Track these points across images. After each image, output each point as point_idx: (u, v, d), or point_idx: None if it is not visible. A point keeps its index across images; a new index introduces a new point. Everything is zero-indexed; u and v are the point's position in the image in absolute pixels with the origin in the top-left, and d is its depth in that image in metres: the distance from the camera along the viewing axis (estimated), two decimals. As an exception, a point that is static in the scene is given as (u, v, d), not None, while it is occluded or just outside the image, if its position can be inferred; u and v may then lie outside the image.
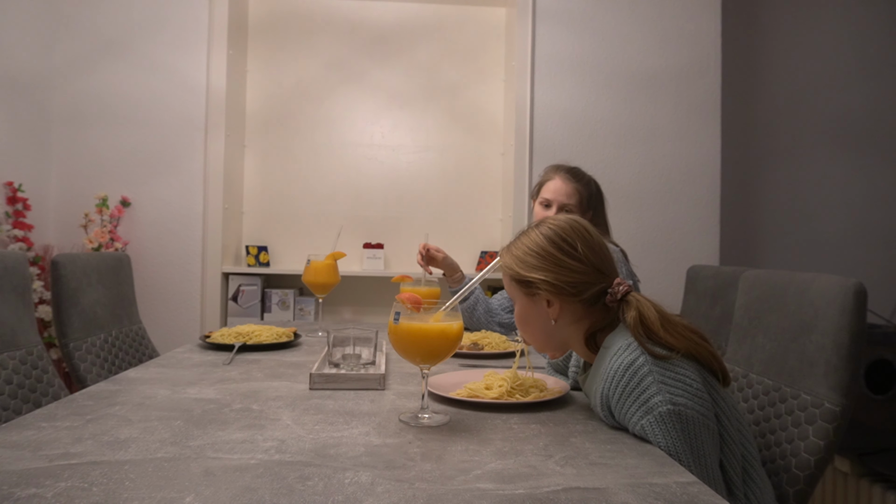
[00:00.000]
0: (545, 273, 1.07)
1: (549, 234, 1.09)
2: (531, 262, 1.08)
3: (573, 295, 1.06)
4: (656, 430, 0.91)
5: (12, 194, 2.46)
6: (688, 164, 2.90)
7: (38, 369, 1.43)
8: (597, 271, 1.07)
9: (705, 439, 0.92)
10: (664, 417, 0.91)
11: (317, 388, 1.19)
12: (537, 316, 1.11)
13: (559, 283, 1.06)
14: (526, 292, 1.10)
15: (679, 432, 0.90)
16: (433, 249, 1.97)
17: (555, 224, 1.10)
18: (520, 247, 1.12)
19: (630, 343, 0.98)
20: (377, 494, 0.69)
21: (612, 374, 0.97)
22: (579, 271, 1.06)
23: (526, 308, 1.12)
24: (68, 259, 1.72)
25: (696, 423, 0.92)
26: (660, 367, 0.94)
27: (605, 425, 0.99)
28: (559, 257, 1.07)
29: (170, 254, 2.79)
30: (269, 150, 3.10)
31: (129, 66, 2.78)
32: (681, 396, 0.92)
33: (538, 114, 2.88)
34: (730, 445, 0.97)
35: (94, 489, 0.69)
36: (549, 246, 1.08)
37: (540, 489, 0.72)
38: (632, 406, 0.94)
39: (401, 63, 3.13)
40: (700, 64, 2.92)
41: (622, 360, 0.96)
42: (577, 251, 1.07)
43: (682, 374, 0.95)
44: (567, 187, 1.87)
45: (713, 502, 0.69)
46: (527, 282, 1.09)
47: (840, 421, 1.07)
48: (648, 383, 0.93)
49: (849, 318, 1.08)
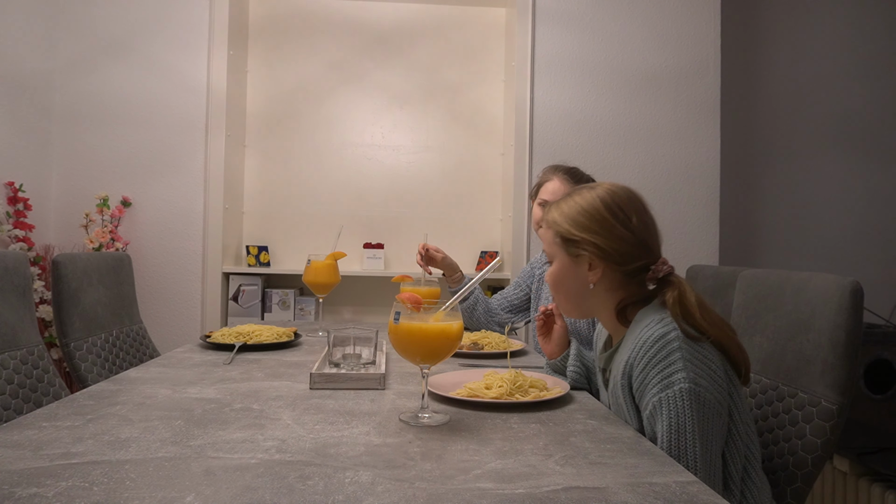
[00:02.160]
0: (595, 236, 1.06)
1: (605, 198, 1.08)
2: (582, 223, 1.08)
3: (617, 263, 1.06)
4: (672, 405, 0.92)
5: (13, 194, 2.46)
6: (687, 164, 2.91)
7: (39, 369, 1.43)
8: (645, 246, 1.07)
9: (714, 426, 0.94)
10: (683, 394, 0.92)
11: (317, 387, 1.19)
12: (575, 277, 1.11)
13: (608, 248, 1.06)
14: (569, 252, 1.10)
15: (692, 412, 0.92)
16: (432, 249, 1.97)
17: (613, 190, 1.10)
18: (572, 206, 1.11)
19: (664, 318, 0.99)
20: (377, 494, 0.69)
21: (641, 343, 0.98)
22: (629, 242, 1.06)
23: (565, 268, 1.12)
24: (69, 259, 1.72)
25: (710, 408, 0.93)
26: (689, 346, 0.95)
27: (604, 425, 0.99)
28: (612, 223, 1.07)
29: (170, 254, 2.79)
30: (270, 150, 3.10)
31: (129, 66, 2.78)
32: (703, 378, 0.94)
33: (538, 114, 2.88)
34: (735, 441, 0.98)
35: (95, 489, 0.69)
36: (605, 210, 1.07)
37: (540, 489, 0.72)
38: (654, 378, 0.95)
39: (401, 63, 3.13)
40: (700, 64, 2.93)
41: (654, 332, 0.97)
42: (631, 222, 1.07)
43: (708, 359, 0.96)
44: (565, 188, 1.86)
45: (713, 501, 0.69)
46: (573, 241, 1.08)
47: (837, 419, 1.08)
48: (675, 359, 0.94)
49: (845, 316, 1.08)
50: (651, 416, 0.96)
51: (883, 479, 2.07)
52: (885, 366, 2.13)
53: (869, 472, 2.12)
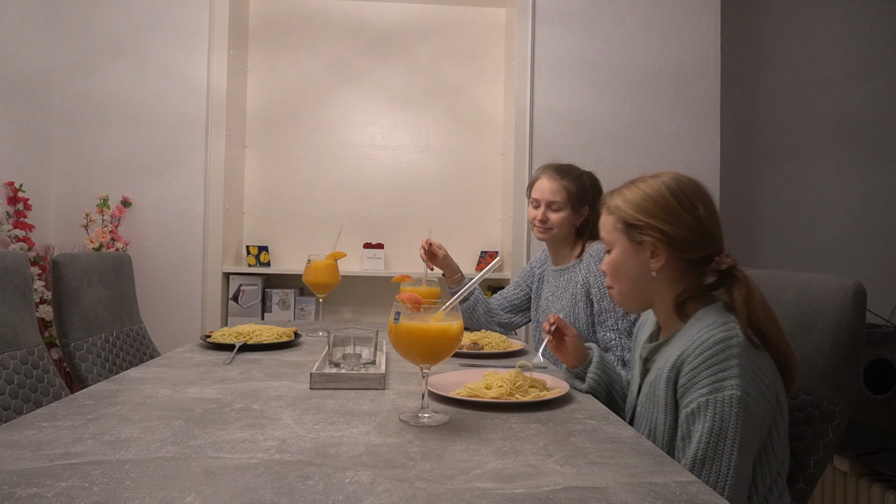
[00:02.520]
0: (661, 221, 1.06)
1: (672, 185, 1.08)
2: (648, 208, 1.07)
3: (682, 251, 1.06)
4: (718, 408, 0.92)
5: (13, 194, 2.46)
6: (687, 164, 2.91)
7: (39, 369, 1.43)
8: (710, 236, 1.07)
9: (754, 438, 0.94)
10: (732, 400, 0.92)
11: (317, 387, 1.19)
12: (636, 265, 1.10)
13: (673, 234, 1.05)
14: (632, 238, 1.09)
15: (738, 420, 0.92)
16: (435, 245, 1.97)
17: (679, 178, 1.09)
18: (635, 192, 1.10)
19: (728, 322, 0.99)
20: (377, 494, 0.69)
21: (700, 341, 0.97)
22: (695, 230, 1.06)
23: (626, 254, 1.11)
24: (69, 259, 1.72)
25: (754, 420, 0.93)
26: (748, 355, 0.95)
27: (604, 425, 0.99)
28: (678, 210, 1.06)
29: (170, 254, 2.79)
30: (270, 150, 3.10)
31: (129, 66, 2.78)
32: (753, 389, 0.94)
33: (538, 114, 2.88)
34: (769, 457, 0.98)
35: (95, 489, 0.69)
36: (671, 196, 1.07)
37: (540, 488, 0.72)
38: (706, 378, 0.95)
39: (401, 63, 3.13)
40: (700, 64, 2.93)
41: (716, 334, 0.97)
42: (698, 210, 1.06)
43: (763, 372, 0.96)
44: (553, 185, 1.85)
45: (713, 501, 0.69)
46: (637, 226, 1.08)
47: (839, 420, 1.08)
48: (732, 364, 0.94)
49: (848, 318, 1.08)
50: (692, 415, 0.96)
51: (883, 479, 2.07)
52: (885, 366, 2.13)
53: (869, 472, 2.12)
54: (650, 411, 1.08)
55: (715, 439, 0.92)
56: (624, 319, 1.67)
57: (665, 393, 1.02)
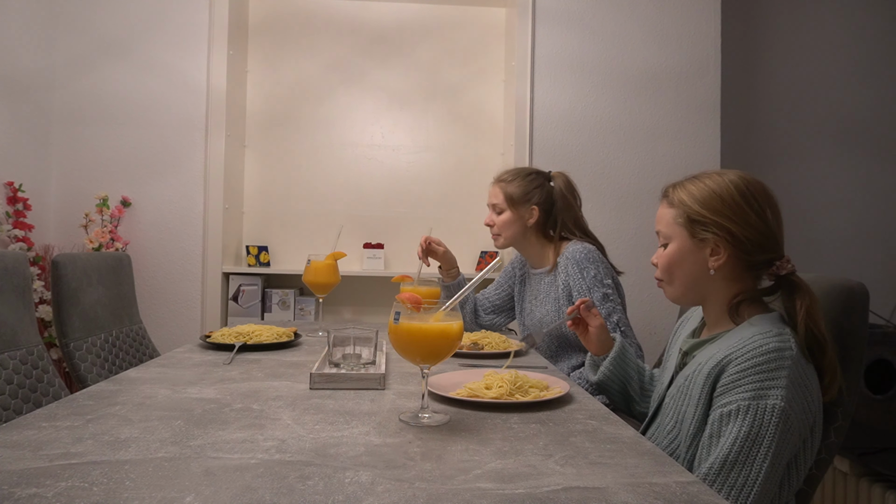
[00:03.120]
0: (727, 220, 1.05)
1: (740, 185, 1.07)
2: (714, 206, 1.06)
3: (745, 252, 1.05)
4: (759, 414, 0.92)
5: (13, 194, 2.46)
6: (688, 164, 2.90)
7: (39, 369, 1.43)
8: (774, 240, 1.06)
9: (787, 451, 0.94)
10: (775, 410, 0.91)
11: (317, 387, 1.19)
12: (695, 261, 1.09)
13: (739, 234, 1.04)
14: (693, 233, 1.08)
15: (775, 428, 0.91)
16: (434, 242, 1.97)
17: (748, 178, 1.08)
18: (701, 188, 1.09)
19: (784, 332, 0.98)
20: (377, 494, 0.69)
21: (753, 346, 0.96)
22: (761, 232, 1.05)
23: (685, 249, 1.10)
24: (69, 259, 1.72)
25: (792, 433, 0.93)
26: (798, 369, 0.94)
27: (604, 425, 0.99)
28: (746, 210, 1.05)
29: (170, 254, 2.79)
30: (270, 150, 3.10)
31: (129, 66, 2.78)
32: (797, 404, 0.93)
33: (538, 114, 2.88)
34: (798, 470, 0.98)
35: (95, 489, 0.69)
36: (739, 196, 1.06)
37: (540, 489, 0.72)
38: (751, 383, 0.94)
39: (401, 63, 3.13)
40: (700, 64, 2.92)
41: (772, 343, 0.95)
42: (766, 213, 1.06)
43: (810, 388, 0.96)
44: (493, 188, 1.91)
45: (713, 502, 0.69)
46: (702, 223, 1.07)
47: (840, 421, 1.07)
48: (781, 375, 0.93)
49: (851, 319, 1.08)
50: (727, 416, 0.95)
51: (883, 480, 2.07)
52: (885, 366, 2.13)
53: (869, 472, 2.12)
54: (680, 403, 1.07)
55: (749, 444, 0.92)
56: (607, 321, 1.67)
57: (702, 388, 1.01)
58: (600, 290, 1.69)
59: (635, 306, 2.82)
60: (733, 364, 0.97)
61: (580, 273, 1.71)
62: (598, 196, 2.89)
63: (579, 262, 1.72)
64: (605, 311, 1.67)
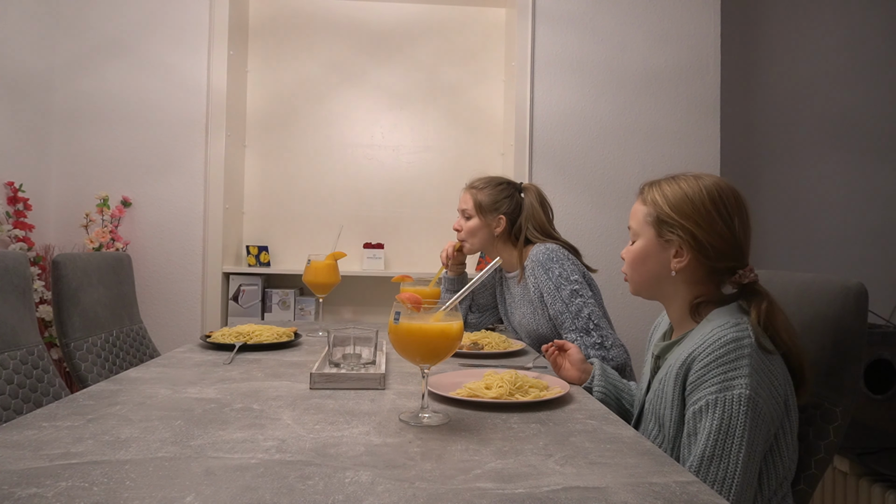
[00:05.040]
0: (694, 224, 1.06)
1: (713, 191, 1.07)
2: (683, 209, 1.07)
3: (707, 258, 1.05)
4: (727, 406, 0.93)
5: (13, 194, 2.46)
6: (687, 163, 2.90)
7: (39, 369, 1.43)
8: (739, 249, 1.07)
9: (761, 439, 0.94)
10: (741, 399, 0.92)
11: (317, 387, 1.19)
12: (658, 261, 1.10)
13: (703, 239, 1.05)
14: (660, 233, 1.10)
15: (746, 418, 0.92)
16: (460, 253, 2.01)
17: (721, 185, 1.09)
18: (675, 190, 1.10)
19: (740, 323, 0.98)
20: (377, 494, 0.69)
21: (711, 340, 0.97)
22: (726, 240, 1.05)
23: (650, 248, 1.11)
24: (69, 259, 1.72)
25: (762, 420, 0.94)
26: (759, 356, 0.95)
27: (604, 425, 0.99)
28: (714, 217, 1.06)
29: (170, 254, 2.79)
30: (270, 150, 3.10)
31: (129, 66, 2.78)
32: (763, 390, 0.94)
33: (538, 114, 2.88)
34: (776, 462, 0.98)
35: (95, 489, 0.69)
36: (709, 202, 1.06)
37: (540, 489, 0.72)
38: (716, 377, 0.95)
39: (401, 63, 3.13)
40: (700, 64, 2.93)
41: (727, 334, 0.97)
42: (733, 222, 1.06)
43: (774, 375, 0.96)
44: (463, 195, 1.94)
45: (713, 501, 0.69)
46: (668, 224, 1.08)
47: (840, 421, 1.07)
48: (742, 364, 0.94)
49: (849, 319, 1.07)
50: (699, 412, 0.96)
51: (883, 480, 2.07)
52: (885, 366, 2.13)
53: (869, 472, 2.12)
54: (658, 407, 1.08)
55: (723, 437, 0.93)
56: (578, 317, 1.67)
57: (674, 390, 1.02)
58: (567, 287, 1.70)
59: (634, 306, 2.82)
60: (697, 361, 0.98)
61: (546, 274, 1.73)
62: (597, 196, 2.89)
63: (543, 263, 1.74)
64: (574, 308, 1.67)
